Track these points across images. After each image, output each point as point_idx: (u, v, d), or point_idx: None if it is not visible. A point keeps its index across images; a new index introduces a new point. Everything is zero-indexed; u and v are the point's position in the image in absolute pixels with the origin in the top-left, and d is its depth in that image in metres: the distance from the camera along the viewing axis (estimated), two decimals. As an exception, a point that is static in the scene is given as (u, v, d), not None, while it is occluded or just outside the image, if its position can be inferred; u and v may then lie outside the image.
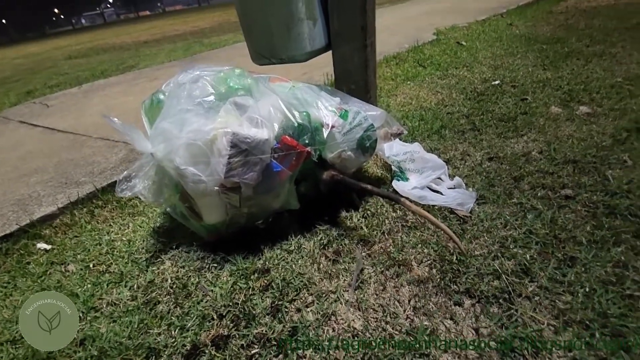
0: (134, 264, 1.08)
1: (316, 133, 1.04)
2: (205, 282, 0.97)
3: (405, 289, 0.89)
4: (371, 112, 1.15)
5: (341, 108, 1.09)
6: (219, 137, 0.93)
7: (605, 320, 0.73)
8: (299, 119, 1.02)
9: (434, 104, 1.95)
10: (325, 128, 1.05)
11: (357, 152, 1.11)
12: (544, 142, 1.42)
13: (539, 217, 1.03)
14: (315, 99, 1.09)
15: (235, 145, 0.92)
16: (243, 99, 1.03)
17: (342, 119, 1.07)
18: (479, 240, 0.99)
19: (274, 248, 1.05)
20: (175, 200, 1.06)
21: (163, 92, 1.13)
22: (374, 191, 1.05)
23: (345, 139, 1.07)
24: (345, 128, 1.07)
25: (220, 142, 0.93)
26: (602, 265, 0.86)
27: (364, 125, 1.09)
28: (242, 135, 0.93)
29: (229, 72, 1.12)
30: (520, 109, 1.72)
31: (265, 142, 0.95)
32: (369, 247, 1.02)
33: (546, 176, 1.21)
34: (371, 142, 1.12)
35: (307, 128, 1.02)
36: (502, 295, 0.82)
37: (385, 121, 1.18)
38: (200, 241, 1.11)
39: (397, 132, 1.18)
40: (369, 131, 1.11)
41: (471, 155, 1.41)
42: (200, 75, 1.09)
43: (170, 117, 0.99)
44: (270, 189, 1.01)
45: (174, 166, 0.95)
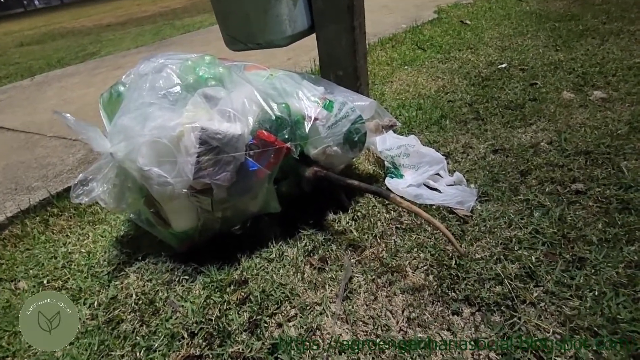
0: (94, 279, 1.08)
1: (297, 127, 1.05)
2: (175, 296, 0.98)
3: (399, 298, 0.91)
4: (359, 102, 1.16)
5: (325, 98, 1.10)
6: (187, 133, 0.94)
7: (614, 326, 0.76)
8: (277, 111, 1.03)
9: (434, 91, 1.98)
10: (307, 121, 1.06)
11: (344, 148, 1.12)
12: (554, 131, 1.45)
13: (547, 215, 1.06)
14: (295, 88, 1.10)
15: (204, 142, 0.93)
16: (214, 90, 1.04)
17: (327, 110, 1.08)
18: (481, 242, 1.01)
19: (252, 256, 1.06)
20: (140, 206, 1.06)
21: (123, 83, 1.14)
22: (361, 187, 1.06)
23: (331, 132, 1.08)
24: (330, 121, 1.08)
25: (187, 139, 0.93)
26: (613, 266, 0.88)
27: (352, 117, 1.11)
28: (213, 131, 0.94)
29: (197, 60, 1.13)
30: (529, 95, 1.76)
31: (239, 138, 0.96)
32: (359, 253, 1.04)
33: (556, 169, 1.24)
34: (360, 136, 1.14)
35: (287, 121, 1.03)
36: (505, 302, 0.85)
37: (375, 112, 1.20)
38: (170, 251, 1.12)
39: (389, 124, 1.20)
40: (357, 124, 1.12)
41: (474, 147, 1.43)
42: (164, 64, 1.10)
43: (131, 112, 1.00)
44: (246, 190, 1.02)
45: (137, 167, 0.95)
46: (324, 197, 1.19)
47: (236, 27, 1.37)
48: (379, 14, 4.18)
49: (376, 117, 1.21)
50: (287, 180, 1.13)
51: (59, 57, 4.97)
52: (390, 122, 1.21)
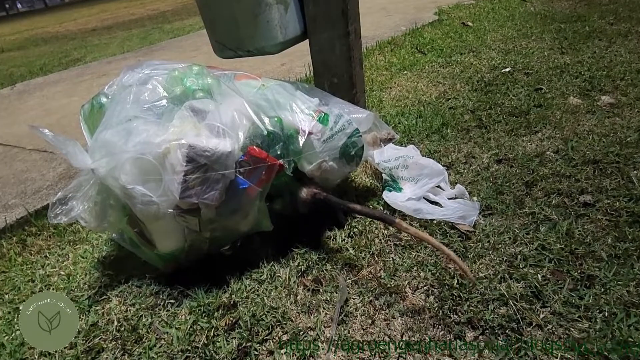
0: (75, 303, 1.07)
1: (290, 142, 1.05)
2: (159, 322, 0.97)
3: (398, 321, 0.90)
4: (356, 114, 1.17)
5: (320, 111, 1.11)
6: (173, 150, 0.94)
7: (626, 350, 0.75)
8: (270, 125, 1.03)
9: (435, 98, 1.99)
10: (301, 135, 1.06)
11: (341, 162, 1.12)
12: (561, 139, 1.46)
13: (554, 230, 1.06)
14: (289, 100, 1.11)
15: (192, 160, 0.93)
16: (202, 102, 1.04)
17: (322, 123, 1.09)
18: (484, 260, 1.01)
19: (242, 278, 1.06)
20: (123, 225, 1.06)
21: (106, 94, 1.14)
22: (364, 212, 1.07)
23: (326, 147, 1.08)
24: (326, 134, 1.09)
25: (174, 156, 0.93)
26: (624, 284, 0.88)
27: (348, 131, 1.11)
28: (201, 148, 0.93)
29: (185, 70, 1.13)
30: (534, 100, 1.77)
31: (229, 155, 0.96)
32: (355, 273, 1.04)
33: (562, 180, 1.24)
34: (357, 150, 1.14)
35: (279, 136, 1.03)
36: (510, 324, 0.84)
37: (373, 124, 1.20)
38: (155, 273, 1.11)
39: (387, 137, 1.21)
40: (354, 137, 1.12)
41: (476, 157, 1.44)
42: (149, 75, 1.10)
43: (114, 126, 1.00)
44: (236, 209, 1.01)
45: (120, 185, 0.95)
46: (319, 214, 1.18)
47: (225, 34, 1.38)
48: (377, 16, 4.22)
49: (374, 129, 1.21)
50: (282, 199, 1.13)
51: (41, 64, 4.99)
52: (389, 135, 1.22)
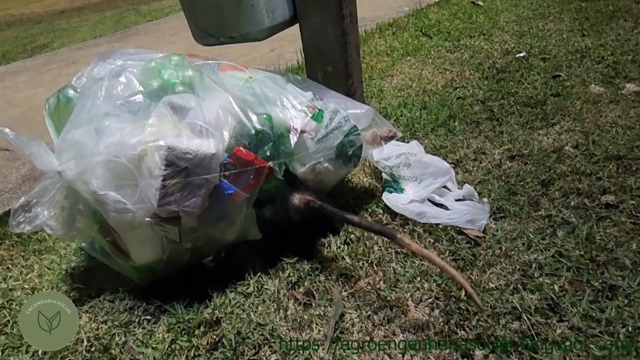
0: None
1: (281, 141, 1.05)
2: (134, 341, 0.97)
3: (399, 338, 0.90)
4: (354, 109, 1.17)
5: (314, 107, 1.11)
6: (150, 152, 0.93)
7: (651, 369, 0.76)
8: (258, 123, 1.03)
9: (441, 87, 1.99)
10: (292, 134, 1.06)
11: (337, 163, 1.12)
12: (581, 132, 1.46)
13: (572, 234, 1.06)
14: (279, 94, 1.10)
15: (171, 163, 0.93)
16: (182, 98, 1.04)
17: (316, 121, 1.08)
18: (495, 268, 1.01)
19: (226, 291, 1.05)
20: (94, 233, 1.06)
21: (74, 87, 1.13)
22: (362, 225, 1.07)
23: (321, 147, 1.08)
24: (320, 133, 1.08)
25: (151, 158, 0.93)
26: (649, 295, 0.89)
27: (345, 129, 1.11)
28: (181, 150, 0.93)
29: (163, 61, 1.12)
30: (551, 89, 1.77)
31: (212, 158, 0.95)
32: (352, 284, 1.04)
33: (582, 178, 1.24)
34: (355, 149, 1.14)
35: (269, 135, 1.03)
36: (524, 341, 0.85)
37: (373, 121, 1.20)
38: (129, 286, 1.11)
39: (388, 134, 1.21)
40: (352, 135, 1.12)
41: (487, 153, 1.44)
42: (123, 66, 1.09)
43: (83, 125, 0.99)
44: (221, 217, 1.01)
45: (90, 190, 0.95)
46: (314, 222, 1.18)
47: (206, 19, 1.37)
48: (378, -5, 4.21)
49: (373, 126, 1.21)
50: (272, 206, 1.13)
51: (3, 51, 4.97)
52: (390, 133, 1.22)
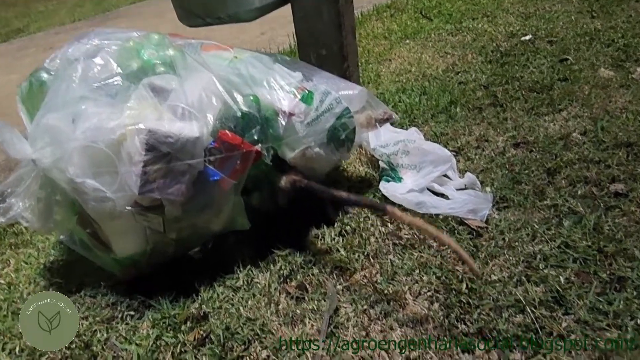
0: (15, 318, 1.05)
1: (269, 125, 1.04)
2: (117, 337, 0.96)
3: (397, 333, 0.90)
4: (346, 90, 1.16)
5: (303, 88, 1.09)
6: (130, 136, 0.92)
7: (661, 364, 0.75)
8: (244, 105, 1.02)
9: (442, 71, 1.98)
10: (281, 117, 1.05)
11: (329, 148, 1.11)
12: (589, 118, 1.45)
13: (579, 224, 1.05)
14: (266, 75, 1.09)
15: (152, 148, 0.92)
16: (163, 79, 1.03)
17: (305, 103, 1.07)
18: (498, 260, 1.00)
19: (213, 285, 1.05)
20: (72, 225, 1.05)
21: (47, 70, 1.11)
22: (351, 200, 1.06)
23: (311, 130, 1.07)
24: (310, 116, 1.07)
25: (131, 143, 0.92)
26: (660, 287, 0.88)
27: (336, 111, 1.10)
28: (162, 133, 0.92)
29: (141, 40, 1.11)
30: (558, 73, 1.76)
31: (196, 142, 0.95)
32: (347, 277, 1.03)
33: (590, 166, 1.24)
34: (347, 133, 1.13)
35: (256, 118, 1.02)
36: (527, 334, 0.84)
37: (367, 102, 1.19)
38: (111, 280, 1.10)
39: (384, 117, 1.20)
40: (344, 118, 1.11)
41: (490, 141, 1.43)
42: (99, 46, 1.07)
43: (58, 109, 0.98)
44: (206, 205, 1.01)
45: (67, 178, 0.93)
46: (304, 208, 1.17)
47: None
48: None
49: (368, 108, 1.20)
50: (259, 193, 1.12)
51: (-21, 36, 4.93)
52: (386, 115, 1.21)
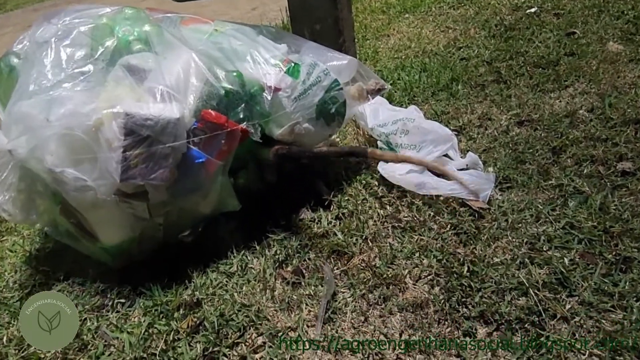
0: (1, 307, 1.07)
1: (254, 101, 1.05)
2: (107, 326, 0.98)
3: (396, 317, 0.92)
4: (334, 61, 1.16)
5: (289, 60, 1.10)
6: (107, 120, 0.93)
7: (665, 344, 0.78)
8: (227, 82, 1.02)
9: (443, 47, 1.97)
10: (267, 92, 1.06)
11: (319, 124, 1.12)
12: (597, 95, 1.46)
13: (585, 204, 1.07)
14: (249, 48, 1.09)
15: (131, 132, 0.92)
16: (140, 58, 1.03)
17: (292, 76, 1.08)
18: (501, 242, 1.02)
19: (206, 271, 1.06)
20: (56, 216, 1.06)
21: (17, 54, 1.11)
22: (332, 152, 1.08)
23: (299, 105, 1.08)
24: (297, 90, 1.08)
25: (108, 128, 0.92)
26: (666, 267, 0.90)
27: (325, 83, 1.10)
28: (141, 116, 0.93)
29: (114, 16, 1.10)
30: (565, 48, 1.77)
31: (177, 123, 0.95)
32: (344, 261, 1.04)
33: (597, 144, 1.25)
34: (337, 107, 1.13)
35: (240, 95, 1.02)
36: (530, 317, 0.86)
37: (357, 73, 1.19)
38: (101, 267, 1.11)
39: (375, 87, 1.20)
40: (333, 91, 1.12)
41: (493, 119, 1.44)
42: (70, 25, 1.06)
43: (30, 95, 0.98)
44: (193, 188, 1.01)
45: (45, 168, 0.94)
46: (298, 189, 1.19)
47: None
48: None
49: (358, 79, 1.21)
50: (245, 171, 1.13)
51: (-49, 13, 4.85)
52: (378, 85, 1.21)
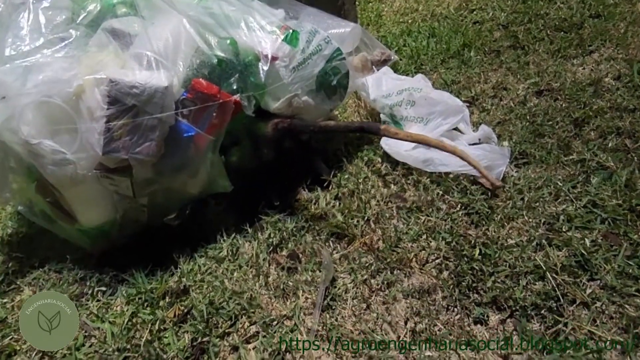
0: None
1: (249, 71, 1.04)
2: (88, 316, 0.99)
3: (401, 304, 0.92)
4: (336, 28, 1.15)
5: (287, 27, 1.09)
6: (89, 87, 0.92)
7: (694, 330, 0.78)
8: (219, 50, 1.02)
9: (453, 9, 1.95)
10: (262, 62, 1.05)
11: (319, 96, 1.11)
12: (624, 61, 1.44)
13: (609, 181, 1.06)
14: (243, 13, 1.09)
15: (115, 100, 0.92)
16: (125, 22, 1.02)
17: (290, 44, 1.07)
18: (516, 222, 1.02)
19: (194, 256, 1.06)
20: (31, 194, 1.06)
21: (-11, 19, 1.10)
22: (341, 127, 1.08)
23: (297, 76, 1.07)
24: (296, 59, 1.07)
25: (90, 95, 0.92)
26: (696, 247, 0.90)
27: (326, 52, 1.09)
28: (126, 83, 0.92)
29: None
30: (589, 9, 1.74)
31: (164, 92, 0.94)
32: (344, 245, 1.05)
33: (624, 115, 1.24)
34: (339, 78, 1.13)
35: (234, 64, 1.02)
36: (547, 303, 0.86)
37: (361, 42, 1.19)
38: (79, 253, 1.11)
39: (381, 57, 1.19)
40: (335, 60, 1.11)
41: (509, 89, 1.43)
42: None
43: (5, 62, 0.98)
44: (181, 165, 1.01)
45: (20, 140, 0.94)
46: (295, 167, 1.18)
47: None
48: None
49: (362, 48, 1.20)
50: (239, 148, 1.12)
51: None
52: (384, 56, 1.20)
